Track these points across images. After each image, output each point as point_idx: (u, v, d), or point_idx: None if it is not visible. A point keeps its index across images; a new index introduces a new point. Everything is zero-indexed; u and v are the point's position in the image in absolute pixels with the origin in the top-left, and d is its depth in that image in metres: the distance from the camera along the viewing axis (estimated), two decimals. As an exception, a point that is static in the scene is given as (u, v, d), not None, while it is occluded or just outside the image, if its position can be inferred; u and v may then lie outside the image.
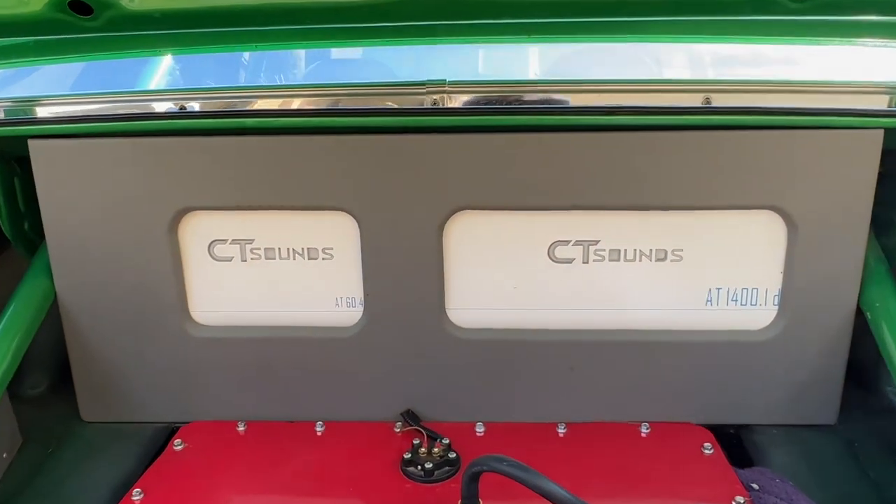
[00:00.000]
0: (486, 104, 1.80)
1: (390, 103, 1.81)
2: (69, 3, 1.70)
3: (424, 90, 1.78)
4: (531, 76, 1.85)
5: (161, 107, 1.84)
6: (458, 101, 1.79)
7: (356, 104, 1.82)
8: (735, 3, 1.69)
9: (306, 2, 1.80)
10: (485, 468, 1.40)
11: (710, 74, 1.77)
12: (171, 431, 2.06)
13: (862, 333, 1.88)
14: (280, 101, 1.85)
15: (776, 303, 1.90)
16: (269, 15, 1.80)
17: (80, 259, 1.95)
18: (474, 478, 1.44)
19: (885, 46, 1.73)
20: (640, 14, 1.77)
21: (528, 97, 1.81)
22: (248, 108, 1.85)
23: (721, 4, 1.70)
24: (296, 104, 1.84)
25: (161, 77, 1.88)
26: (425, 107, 1.78)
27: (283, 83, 1.89)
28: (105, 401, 2.08)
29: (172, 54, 1.87)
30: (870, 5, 1.68)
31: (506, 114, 1.79)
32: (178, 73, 1.89)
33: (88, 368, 2.05)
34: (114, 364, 2.03)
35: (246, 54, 1.89)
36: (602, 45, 1.83)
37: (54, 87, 1.86)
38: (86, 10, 1.73)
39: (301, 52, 1.93)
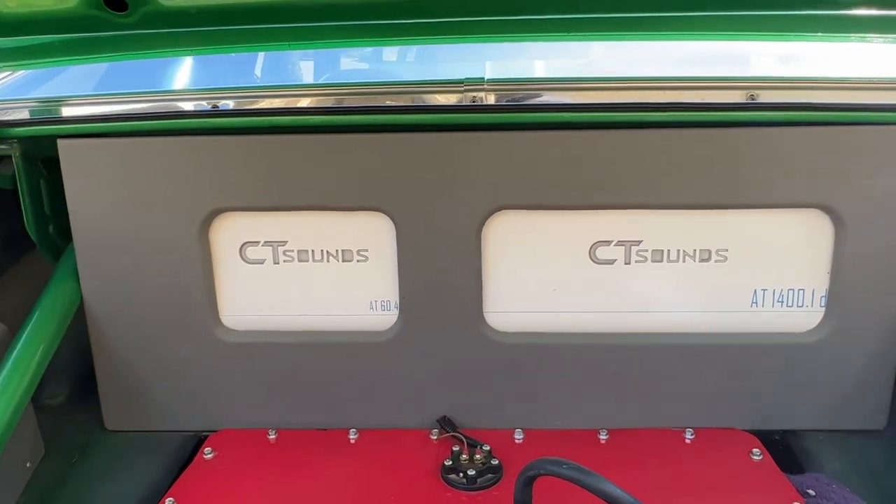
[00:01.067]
0: (524, 102, 1.77)
1: (429, 101, 1.78)
2: (104, -1, 1.67)
3: (463, 88, 1.76)
4: (572, 73, 1.82)
5: (193, 106, 1.81)
6: (496, 98, 1.76)
7: (394, 102, 1.79)
8: (782, -2, 1.66)
9: (343, 0, 1.77)
10: (542, 472, 1.34)
11: (756, 71, 1.74)
12: (198, 440, 2.00)
13: None
14: (315, 98, 1.82)
15: (823, 304, 1.85)
16: (304, 12, 1.77)
17: (107, 262, 1.90)
18: (529, 482, 1.38)
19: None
20: (684, 9, 1.73)
21: (568, 95, 1.78)
22: (281, 106, 1.81)
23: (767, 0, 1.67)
24: (331, 102, 1.81)
25: (193, 75, 1.85)
26: (464, 104, 1.75)
27: (318, 81, 1.85)
28: (130, 409, 2.02)
29: (205, 53, 1.83)
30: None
31: (546, 111, 1.76)
32: (210, 71, 1.86)
33: (114, 375, 1.99)
34: (140, 371, 1.98)
35: (280, 53, 1.85)
36: (645, 42, 1.79)
37: (84, 85, 1.83)
38: (120, 6, 1.69)
39: (337, 50, 1.89)
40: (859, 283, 1.80)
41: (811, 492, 1.63)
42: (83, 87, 1.82)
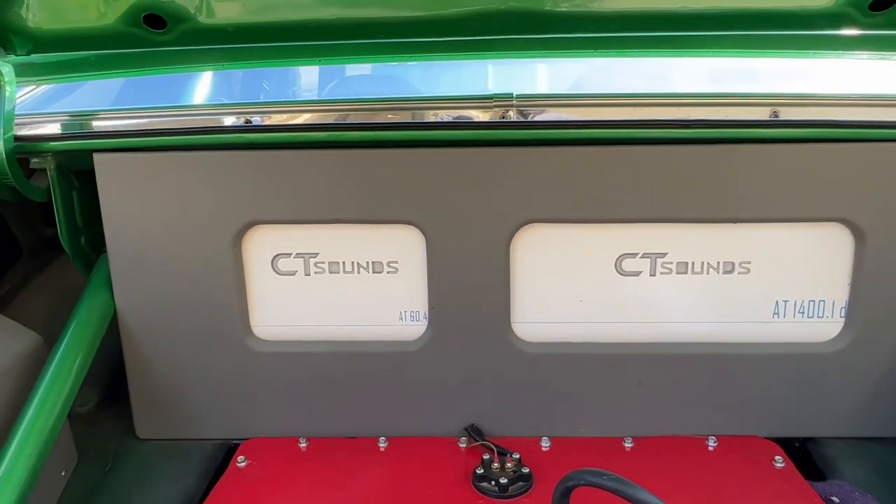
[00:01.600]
0: (552, 118, 1.81)
1: (459, 117, 1.82)
2: (143, 17, 1.70)
3: (492, 104, 1.79)
4: (597, 90, 1.86)
5: (226, 121, 1.84)
6: (525, 115, 1.80)
7: (423, 118, 1.83)
8: (809, 17, 1.71)
9: (374, 17, 1.81)
10: (581, 482, 1.38)
11: (779, 88, 1.78)
12: (229, 448, 2.04)
13: None
14: (345, 114, 1.85)
15: (843, 315, 1.90)
16: (337, 30, 1.81)
17: (141, 274, 1.93)
18: (567, 493, 1.41)
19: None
20: (710, 29, 1.78)
21: (594, 111, 1.82)
22: (313, 121, 1.85)
23: (795, 18, 1.72)
24: (363, 117, 1.84)
25: (228, 90, 1.88)
26: (493, 120, 1.78)
27: (349, 97, 1.88)
28: (162, 417, 2.05)
29: (239, 68, 1.86)
30: (941, 20, 1.70)
31: (572, 127, 1.80)
32: (243, 86, 1.89)
33: (145, 384, 2.02)
34: (172, 380, 2.01)
35: (312, 68, 1.89)
36: (669, 59, 1.84)
37: (119, 100, 1.86)
38: (159, 24, 1.73)
39: (367, 66, 1.92)
40: (878, 295, 1.85)
41: (835, 499, 1.68)
42: (118, 101, 1.84)
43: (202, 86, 1.88)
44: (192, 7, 1.69)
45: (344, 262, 1.95)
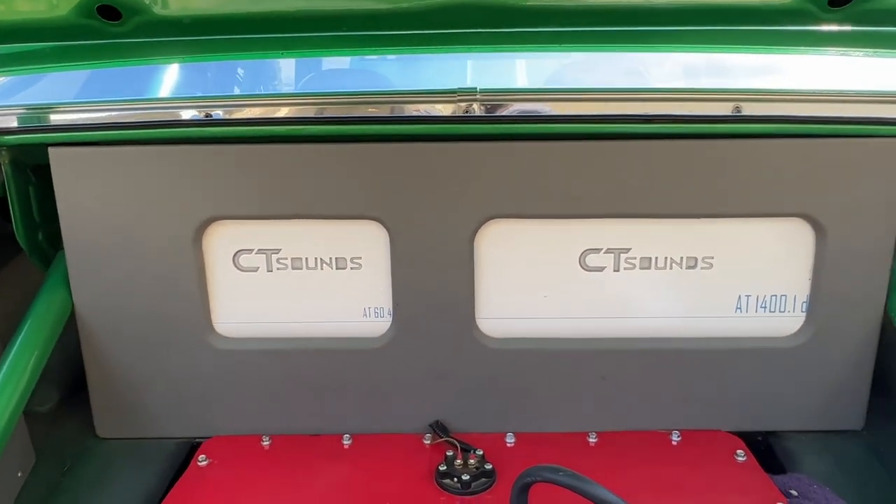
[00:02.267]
0: (517, 112, 1.80)
1: (422, 111, 1.80)
2: (97, 8, 1.66)
3: (455, 98, 1.77)
4: (560, 84, 1.85)
5: (186, 114, 1.81)
6: (489, 109, 1.78)
7: (387, 112, 1.81)
8: (769, 13, 1.71)
9: (337, 9, 1.78)
10: (538, 479, 1.37)
11: (741, 84, 1.78)
12: (190, 447, 2.01)
13: (883, 338, 1.90)
14: (308, 108, 1.82)
15: (804, 309, 1.91)
16: (299, 22, 1.78)
17: (100, 270, 1.89)
18: (525, 489, 1.41)
19: (912, 56, 1.77)
20: (672, 24, 1.78)
21: (558, 105, 1.81)
22: (275, 115, 1.82)
23: (755, 14, 1.72)
24: (325, 112, 1.81)
25: (187, 83, 1.85)
26: (456, 115, 1.77)
27: (312, 90, 1.85)
28: (122, 416, 2.02)
29: (199, 61, 1.83)
30: (901, 16, 1.71)
31: (536, 122, 1.79)
32: (204, 80, 1.86)
33: (106, 383, 1.99)
34: (132, 378, 1.98)
35: (274, 61, 1.86)
36: (633, 55, 1.83)
37: (75, 93, 1.82)
38: (114, 16, 1.69)
39: (331, 60, 1.90)
40: (839, 289, 1.86)
41: (794, 492, 1.69)
42: (74, 94, 1.80)
43: (161, 78, 1.84)
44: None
45: (307, 258, 1.92)
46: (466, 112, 1.77)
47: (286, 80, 1.87)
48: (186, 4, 1.70)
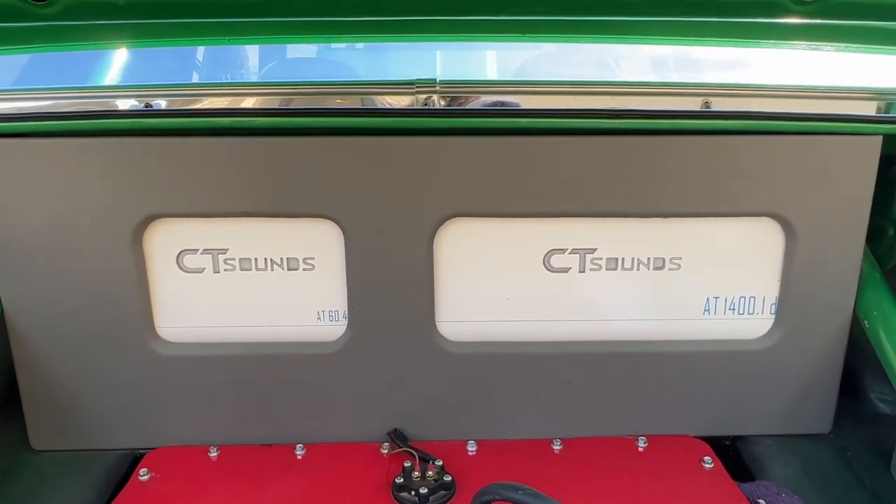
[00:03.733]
0: (479, 105, 1.71)
1: (378, 103, 1.71)
2: (22, -13, 1.53)
3: (414, 90, 1.69)
4: (525, 76, 1.77)
5: (124, 104, 1.70)
6: (449, 101, 1.70)
7: (341, 103, 1.71)
8: (737, 5, 1.64)
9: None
10: (496, 497, 1.29)
11: (711, 78, 1.72)
12: (133, 459, 1.89)
13: (851, 340, 1.87)
14: (256, 98, 1.72)
15: (773, 311, 1.86)
16: (245, 6, 1.66)
17: (31, 271, 1.76)
18: (483, 507, 1.33)
19: (885, 52, 1.72)
20: (639, 14, 1.70)
21: (522, 99, 1.74)
22: (220, 106, 1.71)
23: (723, 6, 1.65)
24: (274, 102, 1.71)
25: (125, 71, 1.72)
26: (414, 107, 1.67)
27: (260, 79, 1.74)
28: (58, 427, 1.89)
29: (137, 47, 1.70)
30: (872, 11, 1.65)
31: (499, 116, 1.71)
32: (143, 67, 1.73)
33: (40, 391, 1.86)
34: (69, 386, 1.85)
35: (220, 48, 1.74)
36: (600, 46, 1.76)
37: (2, 80, 1.68)
38: (40, -4, 1.56)
39: (280, 47, 1.79)
40: (808, 291, 1.82)
41: (761, 501, 1.64)
42: (2, 81, 1.66)
43: (96, 65, 1.72)
44: (75, -23, 1.53)
45: (256, 259, 1.81)
46: (426, 104, 1.68)
47: (232, 68, 1.76)
48: (120, -16, 1.57)
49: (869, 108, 1.70)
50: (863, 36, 1.70)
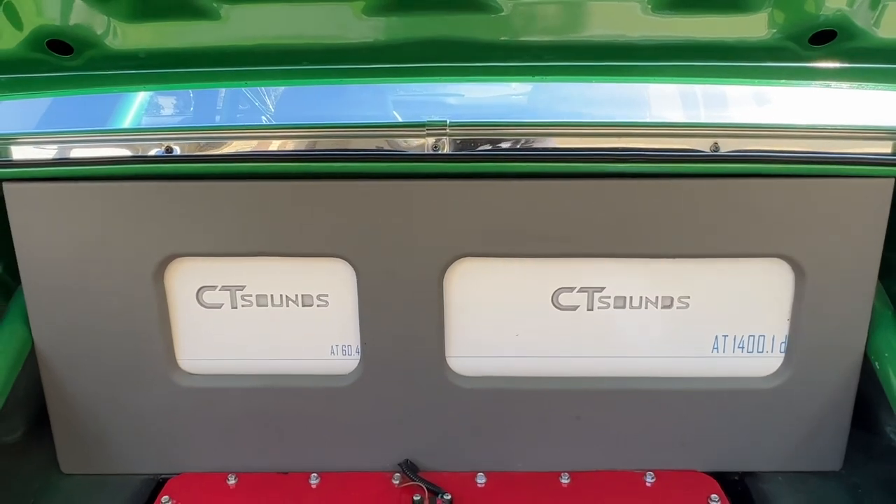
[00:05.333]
0: (488, 148, 1.74)
1: (390, 145, 1.74)
2: (48, 43, 1.59)
3: (424, 132, 1.71)
4: (536, 119, 1.79)
5: (146, 149, 1.75)
6: (459, 144, 1.72)
7: (353, 146, 1.75)
8: (750, 50, 1.64)
9: (301, 43, 1.71)
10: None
11: (721, 119, 1.72)
12: (156, 484, 1.97)
13: (863, 375, 1.86)
14: (272, 143, 1.76)
15: (783, 350, 1.86)
16: (260, 55, 1.71)
17: (58, 306, 1.84)
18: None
19: (894, 92, 1.70)
20: (649, 59, 1.71)
21: (531, 140, 1.75)
22: (237, 150, 1.76)
23: (733, 50, 1.65)
24: (289, 146, 1.76)
25: (147, 117, 1.78)
26: (424, 152, 1.71)
27: (275, 123, 1.79)
28: (86, 452, 1.98)
29: (156, 91, 1.77)
30: (881, 55, 1.64)
31: (508, 160, 1.73)
32: (165, 112, 1.80)
33: (68, 418, 1.95)
34: (95, 414, 1.93)
35: (237, 93, 1.80)
36: (610, 89, 1.77)
37: (31, 126, 1.76)
38: (65, 50, 1.62)
39: (295, 93, 1.83)
40: (818, 331, 1.81)
41: (766, 543, 1.66)
42: (29, 127, 1.74)
43: (120, 111, 1.78)
44: (99, 32, 1.58)
45: (272, 295, 1.87)
46: (436, 147, 1.71)
47: (249, 113, 1.81)
48: (141, 38, 1.63)
49: (881, 148, 1.68)
50: (873, 77, 1.68)
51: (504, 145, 1.74)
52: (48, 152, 1.75)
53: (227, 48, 1.66)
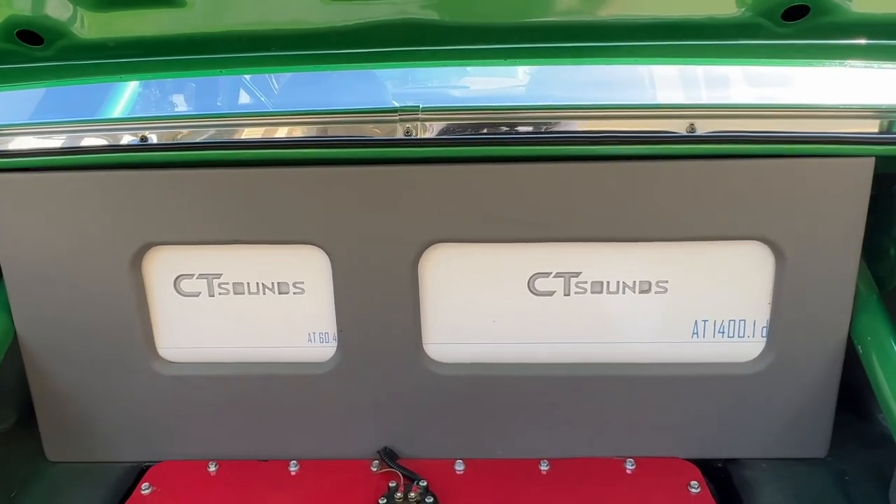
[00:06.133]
0: (461, 132, 1.72)
1: (362, 131, 1.73)
2: (17, 33, 1.61)
3: (397, 117, 1.70)
4: (508, 102, 1.77)
5: (122, 138, 1.76)
6: (432, 129, 1.71)
7: (326, 133, 1.74)
8: (721, 27, 1.61)
9: (272, 29, 1.71)
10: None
11: (695, 99, 1.69)
12: (140, 471, 1.99)
13: (852, 360, 1.82)
14: (246, 130, 1.76)
15: (764, 334, 1.83)
16: (228, 42, 1.71)
17: (39, 296, 1.86)
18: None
19: (872, 69, 1.66)
20: (622, 38, 1.68)
21: (505, 124, 1.73)
22: (212, 138, 1.76)
23: (707, 28, 1.62)
24: (262, 134, 1.75)
25: (121, 106, 1.79)
26: (397, 137, 1.70)
27: (249, 111, 1.79)
28: (71, 440, 2.00)
29: (131, 81, 1.77)
30: (858, 29, 1.60)
31: (482, 144, 1.71)
32: (138, 101, 1.80)
33: (52, 407, 1.97)
34: (79, 403, 1.95)
35: (210, 81, 1.80)
36: (583, 70, 1.75)
37: (4, 116, 1.77)
38: (35, 40, 1.64)
39: (267, 80, 1.83)
40: (800, 315, 1.78)
41: (744, 529, 1.63)
42: (4, 118, 1.75)
43: (96, 101, 1.79)
44: (68, 21, 1.59)
45: (249, 283, 1.88)
46: (408, 132, 1.70)
47: (222, 100, 1.81)
48: (109, 27, 1.64)
49: (861, 127, 1.64)
50: (849, 53, 1.64)
51: (477, 129, 1.72)
52: (24, 143, 1.76)
53: (194, 35, 1.67)
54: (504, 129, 1.73)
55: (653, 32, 1.66)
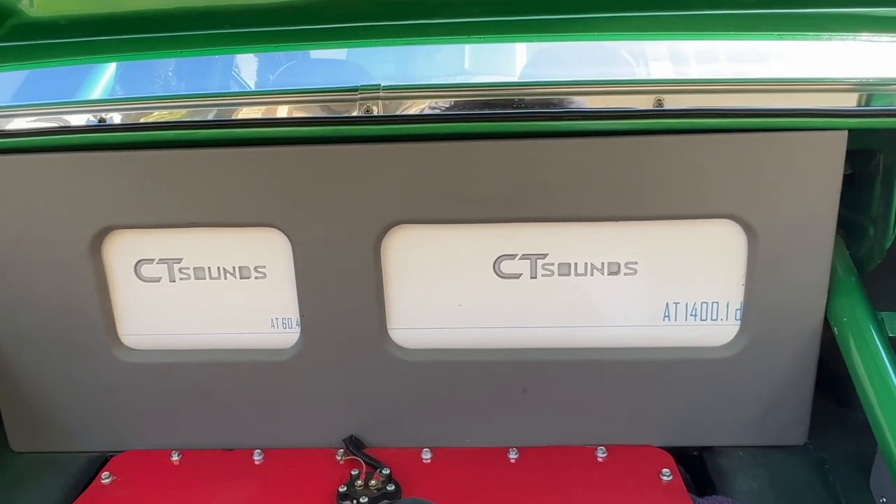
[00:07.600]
0: (422, 111, 1.68)
1: (322, 111, 1.70)
2: (-35, 12, 1.58)
3: (357, 96, 1.66)
4: (471, 79, 1.73)
5: (78, 120, 1.73)
6: (393, 107, 1.67)
7: (284, 112, 1.71)
8: (684, -2, 1.56)
9: (229, 5, 1.67)
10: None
11: (663, 74, 1.64)
12: (103, 461, 1.96)
13: (833, 344, 1.76)
14: (202, 111, 1.73)
15: (738, 317, 1.78)
16: (187, 19, 1.68)
17: (-2, 283, 1.84)
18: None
19: (844, 40, 1.60)
20: (587, 11, 1.63)
21: (467, 101, 1.69)
22: (169, 119, 1.73)
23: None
24: (219, 114, 1.72)
25: (78, 87, 1.77)
26: (356, 115, 1.66)
27: (206, 91, 1.76)
28: (35, 431, 1.97)
29: (87, 63, 1.75)
30: (828, -3, 1.55)
31: (443, 121, 1.67)
32: (96, 83, 1.77)
33: (15, 397, 1.94)
34: (41, 391, 1.92)
35: (168, 61, 1.76)
36: (547, 45, 1.70)
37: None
38: (-15, 19, 1.61)
39: (226, 59, 1.80)
40: (774, 296, 1.72)
41: (714, 517, 1.57)
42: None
43: (49, 83, 1.76)
44: (15, 0, 1.57)
45: (210, 268, 1.84)
46: (368, 111, 1.66)
47: (177, 80, 1.78)
48: (60, 4, 1.61)
49: (832, 100, 1.59)
50: (819, 24, 1.59)
51: (438, 107, 1.68)
52: (-22, 125, 1.74)
53: (147, 13, 1.63)
54: (467, 105, 1.69)
55: (620, 4, 1.60)
